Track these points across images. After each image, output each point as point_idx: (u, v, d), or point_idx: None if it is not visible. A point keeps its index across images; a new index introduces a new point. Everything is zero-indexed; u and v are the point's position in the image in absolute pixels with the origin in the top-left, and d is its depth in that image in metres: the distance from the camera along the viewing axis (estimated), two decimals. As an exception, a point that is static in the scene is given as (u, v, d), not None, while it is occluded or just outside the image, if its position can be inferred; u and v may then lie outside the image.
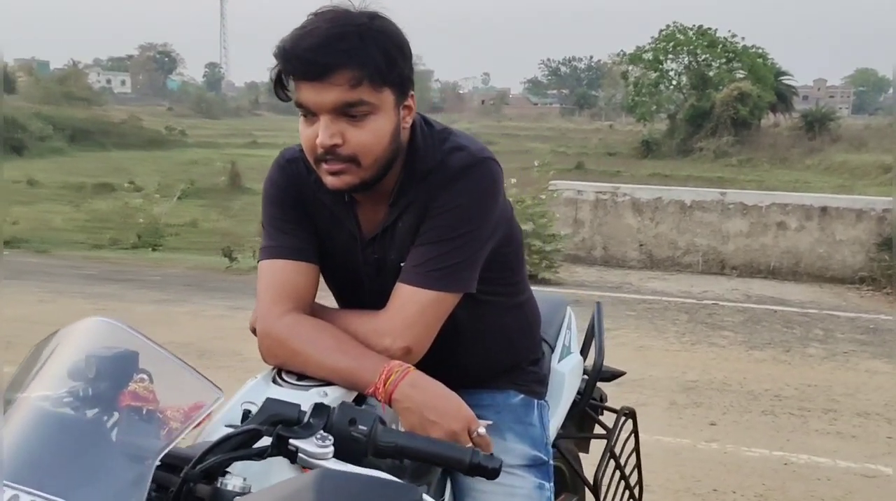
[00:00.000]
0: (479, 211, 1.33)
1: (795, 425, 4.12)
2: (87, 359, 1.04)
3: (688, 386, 4.67)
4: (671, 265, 8.39)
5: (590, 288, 7.43)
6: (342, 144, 1.26)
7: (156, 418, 1.03)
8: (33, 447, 0.96)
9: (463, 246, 1.32)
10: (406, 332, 1.30)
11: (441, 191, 1.32)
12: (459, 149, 1.35)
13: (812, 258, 8.05)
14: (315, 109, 1.25)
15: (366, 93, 1.25)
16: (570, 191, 8.70)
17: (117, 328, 1.09)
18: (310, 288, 1.38)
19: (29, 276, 7.41)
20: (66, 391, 1.02)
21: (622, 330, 5.91)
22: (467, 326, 1.45)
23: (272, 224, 1.41)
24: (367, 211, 1.40)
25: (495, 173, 1.36)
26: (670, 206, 8.39)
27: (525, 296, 1.57)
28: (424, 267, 1.31)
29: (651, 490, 3.32)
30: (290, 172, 1.43)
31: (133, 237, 9.42)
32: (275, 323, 1.32)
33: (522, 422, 1.54)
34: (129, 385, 1.04)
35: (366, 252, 1.41)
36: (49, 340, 1.11)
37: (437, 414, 1.23)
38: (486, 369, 1.54)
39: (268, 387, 1.26)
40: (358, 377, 1.25)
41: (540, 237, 7.53)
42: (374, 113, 1.27)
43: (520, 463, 1.51)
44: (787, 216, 8.09)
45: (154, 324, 5.76)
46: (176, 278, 7.42)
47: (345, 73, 1.22)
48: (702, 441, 3.88)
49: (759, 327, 6.13)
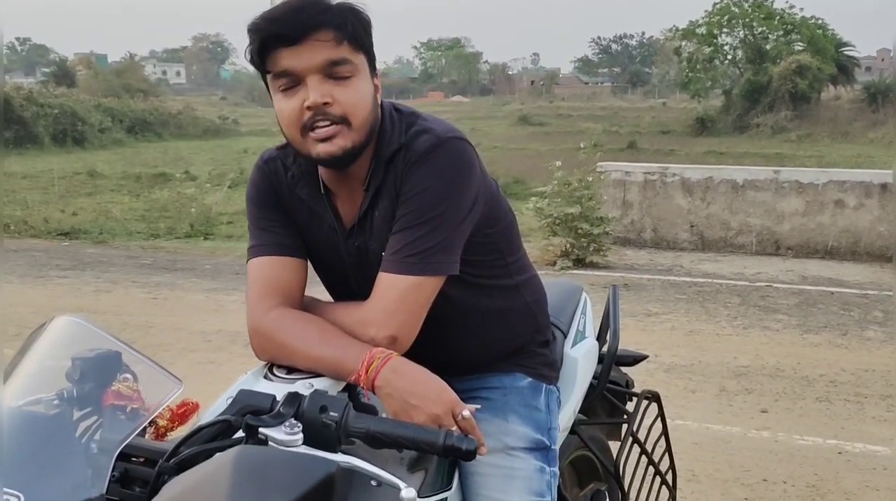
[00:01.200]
0: (450, 191, 1.32)
1: (851, 412, 3.99)
2: (73, 362, 1.08)
3: (739, 372, 4.57)
4: (724, 246, 8.20)
5: (640, 272, 7.32)
6: (332, 103, 1.27)
7: (139, 414, 1.05)
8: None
9: (436, 228, 1.31)
10: (389, 320, 1.30)
11: (408, 176, 1.32)
12: (424, 132, 1.34)
13: (872, 237, 7.76)
14: (301, 72, 1.27)
15: (348, 52, 1.28)
16: (618, 172, 8.55)
17: (83, 327, 1.12)
18: (296, 282, 1.40)
19: (86, 267, 7.65)
20: (54, 393, 1.05)
21: (672, 315, 5.81)
22: (461, 310, 1.45)
23: (255, 224, 1.45)
24: (345, 201, 1.41)
25: (463, 152, 1.34)
26: (722, 186, 8.18)
27: (523, 277, 1.55)
28: (400, 253, 1.31)
29: (698, 479, 3.27)
30: (268, 172, 1.46)
31: (186, 226, 9.62)
32: (262, 319, 1.35)
33: (528, 405, 1.54)
34: (113, 384, 1.06)
35: (347, 242, 1.42)
36: (26, 342, 1.15)
37: (419, 399, 1.23)
38: (487, 352, 1.54)
39: (257, 382, 1.29)
40: (342, 365, 1.26)
41: (588, 220, 7.43)
42: (356, 74, 1.30)
43: (522, 446, 1.51)
44: (844, 194, 7.81)
45: (205, 313, 5.89)
46: (226, 266, 7.56)
47: (328, 31, 1.26)
48: (752, 428, 3.80)
49: (814, 310, 5.96)
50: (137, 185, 14.83)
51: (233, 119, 34.16)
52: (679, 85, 45.22)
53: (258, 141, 26.68)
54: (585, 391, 1.85)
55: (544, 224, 7.60)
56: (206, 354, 4.89)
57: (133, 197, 13.30)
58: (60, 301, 6.26)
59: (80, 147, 23.74)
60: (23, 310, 5.92)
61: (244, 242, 7.65)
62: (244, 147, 23.56)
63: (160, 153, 22.61)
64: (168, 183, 13.49)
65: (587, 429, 1.95)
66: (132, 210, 11.58)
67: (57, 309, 5.97)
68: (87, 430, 1.05)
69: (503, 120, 38.69)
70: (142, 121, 28.52)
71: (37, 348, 1.10)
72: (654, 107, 46.53)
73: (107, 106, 28.02)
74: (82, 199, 12.89)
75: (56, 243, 9.07)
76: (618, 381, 2.07)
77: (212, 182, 12.31)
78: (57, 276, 7.19)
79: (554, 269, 7.29)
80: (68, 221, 10.05)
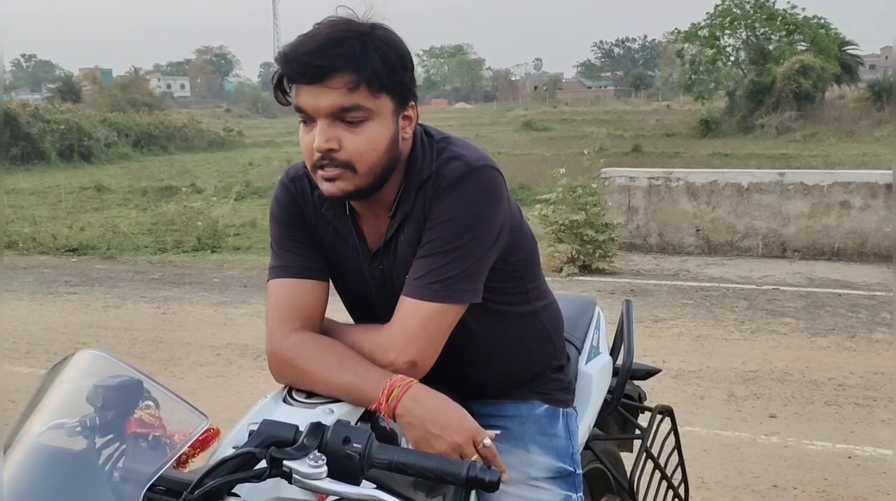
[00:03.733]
0: (478, 220, 1.31)
1: (860, 416, 3.99)
2: (95, 389, 1.08)
3: (747, 377, 4.56)
4: (730, 250, 8.20)
5: (646, 277, 7.32)
6: (338, 149, 1.27)
7: (162, 443, 1.06)
8: (23, 479, 1.00)
9: (462, 256, 1.31)
10: (409, 346, 1.31)
11: (437, 202, 1.31)
12: (455, 159, 1.33)
13: (879, 238, 7.74)
14: (312, 113, 1.26)
15: (363, 97, 1.25)
16: (623, 178, 8.56)
17: (107, 360, 1.13)
18: (317, 305, 1.40)
19: (95, 282, 7.68)
20: (76, 421, 1.06)
21: (680, 320, 5.81)
22: (480, 337, 1.44)
23: (278, 243, 1.44)
24: (370, 224, 1.41)
25: (492, 181, 1.33)
26: (726, 189, 8.18)
27: (542, 303, 1.54)
28: (424, 279, 1.31)
29: (708, 486, 3.27)
30: (294, 191, 1.45)
31: (194, 240, 9.65)
32: (282, 343, 1.35)
33: (547, 434, 1.53)
34: (136, 412, 1.07)
35: (371, 265, 1.42)
36: (49, 373, 1.15)
37: (439, 428, 1.23)
38: (505, 379, 1.53)
39: (277, 407, 1.29)
40: (362, 393, 1.27)
41: (593, 226, 7.43)
42: (370, 119, 1.27)
43: (545, 476, 1.51)
44: (850, 195, 7.80)
45: (214, 326, 5.91)
46: (234, 279, 7.58)
47: (342, 77, 1.23)
48: (761, 434, 3.80)
49: (822, 312, 5.95)
50: (144, 199, 14.89)
51: (237, 131, 34.23)
52: (682, 87, 45.15)
53: (263, 152, 26.75)
54: (600, 407, 1.85)
55: (550, 231, 7.61)
56: (215, 368, 4.91)
57: (140, 211, 13.35)
58: (70, 317, 6.30)
59: (86, 162, 23.82)
60: (33, 327, 5.96)
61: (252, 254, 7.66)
62: (249, 159, 23.61)
63: (166, 166, 22.68)
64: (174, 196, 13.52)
65: (600, 443, 1.95)
66: (139, 224, 11.62)
67: (67, 325, 6.02)
68: (110, 458, 1.05)
69: (507, 126, 38.70)
70: (147, 134, 28.60)
71: (60, 379, 1.12)
72: (658, 110, 46.50)
73: (112, 120, 28.11)
74: (90, 214, 12.94)
75: (65, 259, 9.11)
76: (630, 394, 2.07)
77: (218, 194, 12.36)
78: (66, 293, 7.23)
79: (560, 276, 7.30)
80: (76, 237, 10.09)
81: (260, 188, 15.83)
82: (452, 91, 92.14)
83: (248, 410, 1.31)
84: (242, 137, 33.16)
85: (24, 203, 14.29)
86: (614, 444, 2.12)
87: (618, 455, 2.12)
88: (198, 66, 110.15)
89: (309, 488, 1.04)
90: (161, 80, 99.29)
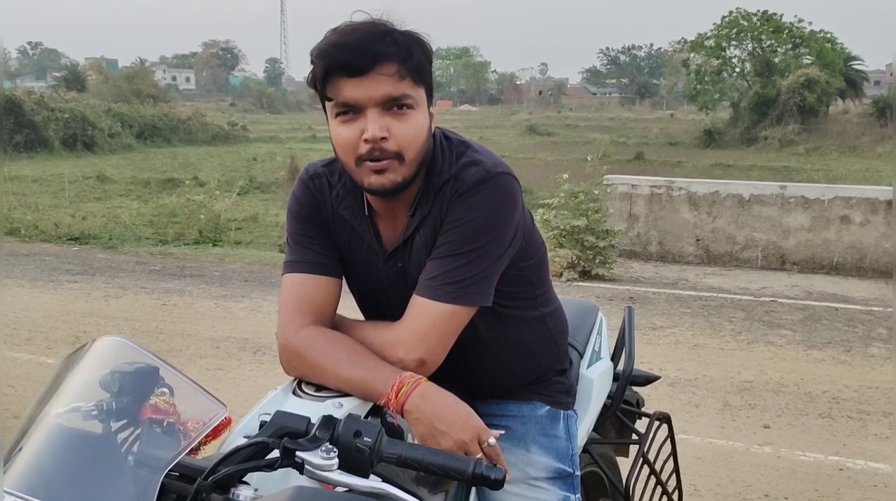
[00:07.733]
0: (493, 225, 1.34)
1: (853, 429, 4.02)
2: (112, 375, 1.11)
3: (742, 387, 4.59)
4: (729, 260, 8.23)
5: (645, 285, 7.35)
6: (389, 138, 1.29)
7: (175, 430, 1.09)
8: (45, 459, 1.03)
9: (476, 260, 1.33)
10: (419, 344, 1.33)
11: (455, 206, 1.34)
12: (474, 164, 1.36)
13: (877, 253, 7.78)
14: (362, 103, 1.28)
15: (408, 87, 1.29)
16: (625, 185, 8.59)
17: (129, 347, 1.16)
18: (329, 301, 1.42)
19: (96, 272, 7.71)
20: (93, 404, 1.09)
21: (677, 328, 5.84)
22: (488, 339, 1.47)
23: (294, 239, 1.46)
24: (387, 224, 1.43)
25: (509, 187, 1.36)
26: (728, 200, 8.22)
27: (549, 308, 1.57)
28: (437, 280, 1.34)
29: (700, 494, 3.30)
30: (312, 188, 1.47)
31: (195, 233, 9.68)
32: (293, 337, 1.37)
33: (548, 434, 1.56)
34: (151, 398, 1.10)
35: (387, 264, 1.44)
36: (69, 359, 1.18)
37: (446, 425, 1.26)
38: (509, 381, 1.56)
39: (287, 399, 1.32)
40: (372, 388, 1.30)
41: (594, 233, 7.47)
42: (414, 108, 1.31)
43: (544, 476, 1.53)
44: (851, 210, 7.84)
45: (214, 320, 5.94)
46: (235, 273, 7.61)
47: (392, 65, 1.27)
48: (755, 444, 3.83)
49: (818, 325, 5.98)
50: (146, 191, 14.92)
51: (241, 125, 34.25)
52: (687, 97, 45.24)
53: (266, 148, 26.77)
54: (599, 411, 1.88)
55: (551, 236, 7.64)
56: (214, 361, 4.94)
57: (142, 202, 13.39)
58: (71, 306, 6.32)
59: (89, 152, 23.85)
60: (34, 315, 5.99)
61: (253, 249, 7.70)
62: (253, 154, 23.63)
63: (169, 158, 22.70)
64: (177, 188, 13.57)
65: (597, 446, 1.98)
66: (141, 215, 11.65)
67: (68, 313, 6.04)
68: (125, 443, 1.08)
69: (511, 129, 38.76)
70: (151, 126, 28.61)
71: (81, 364, 1.14)
72: (662, 119, 46.57)
73: (117, 111, 28.14)
74: (92, 204, 12.97)
75: (66, 248, 9.14)
76: (629, 400, 2.10)
77: (221, 188, 12.39)
78: (67, 281, 7.26)
79: (560, 281, 7.33)
80: (78, 226, 10.11)
81: (263, 183, 15.88)
82: (458, 93, 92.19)
83: (257, 401, 1.34)
84: (246, 132, 33.17)
85: (26, 190, 14.32)
86: (611, 448, 2.15)
87: (614, 459, 2.14)
88: (203, 59, 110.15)
89: (319, 479, 1.06)
90: (166, 72, 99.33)
